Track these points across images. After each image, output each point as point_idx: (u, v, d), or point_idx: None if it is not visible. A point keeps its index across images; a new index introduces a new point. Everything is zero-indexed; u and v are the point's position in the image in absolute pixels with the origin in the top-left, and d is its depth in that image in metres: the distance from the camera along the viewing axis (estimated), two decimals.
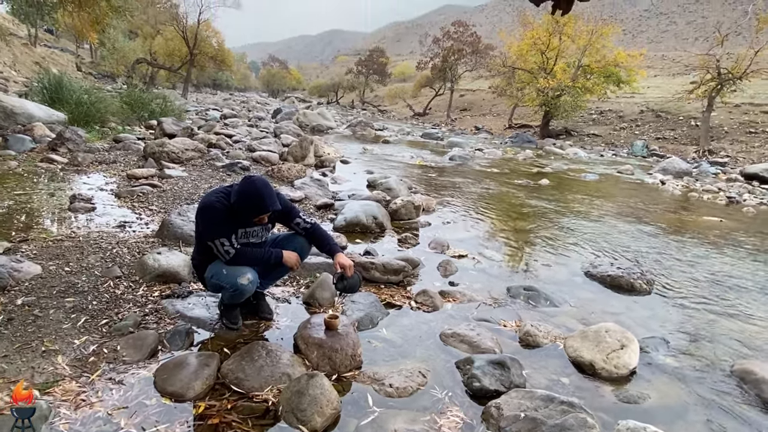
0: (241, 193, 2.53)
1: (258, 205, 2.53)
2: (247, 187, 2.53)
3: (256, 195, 2.51)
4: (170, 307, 2.98)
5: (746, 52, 20.16)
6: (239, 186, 2.57)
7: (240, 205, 2.53)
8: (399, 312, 3.36)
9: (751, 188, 12.40)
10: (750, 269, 5.22)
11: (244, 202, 2.52)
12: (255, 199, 2.52)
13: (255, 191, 2.52)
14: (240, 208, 2.54)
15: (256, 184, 2.54)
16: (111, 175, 6.51)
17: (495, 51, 36.45)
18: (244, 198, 2.52)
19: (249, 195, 2.52)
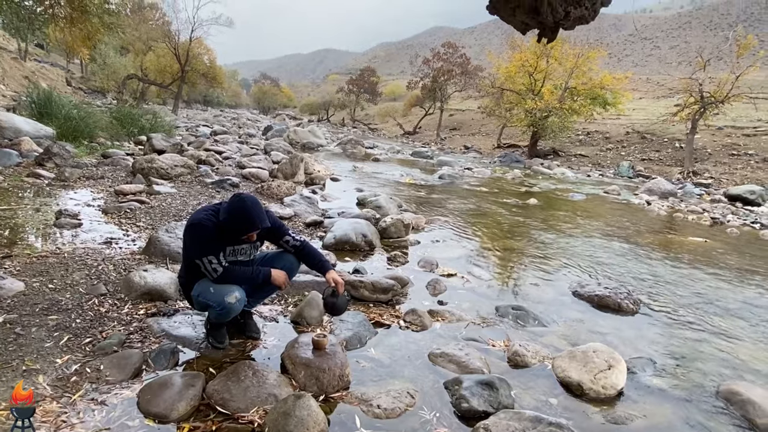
0: (231, 211, 2.52)
1: (247, 223, 2.53)
2: (237, 204, 2.53)
3: (246, 213, 2.51)
4: (156, 325, 2.94)
5: (728, 76, 20.69)
6: (228, 204, 2.56)
7: (229, 222, 2.53)
8: (388, 331, 3.35)
9: (734, 209, 12.62)
10: (734, 290, 5.28)
11: (233, 219, 2.52)
12: (244, 217, 2.51)
13: (244, 209, 2.52)
14: (229, 226, 2.54)
15: (246, 202, 2.54)
16: (98, 190, 6.46)
17: (484, 72, 37.03)
18: (234, 216, 2.52)
19: (238, 213, 2.51)
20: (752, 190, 14.43)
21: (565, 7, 1.62)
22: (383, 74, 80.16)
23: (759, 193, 14.26)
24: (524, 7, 1.64)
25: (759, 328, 4.17)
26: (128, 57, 34.48)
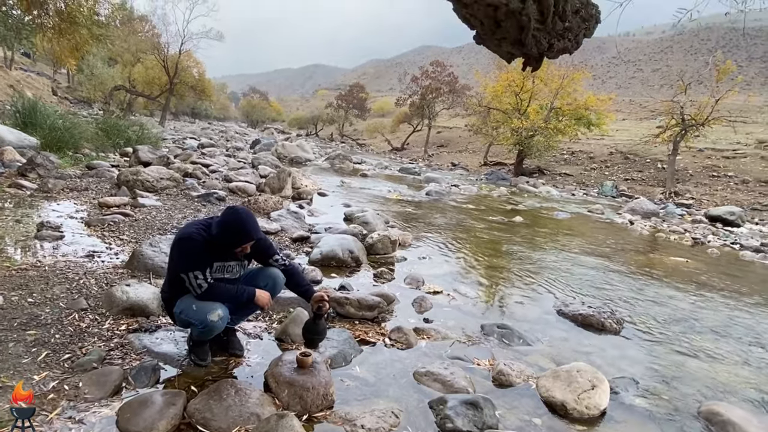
0: (225, 222, 2.53)
1: (242, 234, 2.54)
2: (231, 216, 2.55)
3: (240, 224, 2.53)
4: (137, 341, 2.89)
5: (708, 100, 21.28)
6: (222, 216, 2.57)
7: (223, 234, 2.53)
8: (373, 349, 3.33)
9: (715, 230, 12.87)
10: (714, 310, 5.37)
11: (227, 231, 2.52)
12: (239, 228, 2.53)
13: (239, 220, 2.53)
14: (223, 238, 2.54)
15: (241, 214, 2.56)
16: (82, 202, 6.37)
17: (471, 91, 37.60)
18: (228, 227, 2.52)
19: (233, 224, 2.53)
20: (732, 211, 14.74)
21: (549, 39, 1.67)
22: (372, 90, 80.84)
23: (738, 214, 14.58)
24: (509, 39, 1.69)
25: (738, 349, 4.24)
26: (116, 68, 34.32)
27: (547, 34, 1.63)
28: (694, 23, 4.90)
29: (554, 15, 1.56)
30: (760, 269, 8.25)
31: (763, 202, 18.66)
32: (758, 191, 19.94)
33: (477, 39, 1.88)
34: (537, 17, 1.56)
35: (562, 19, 1.61)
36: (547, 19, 1.56)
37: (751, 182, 20.88)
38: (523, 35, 1.58)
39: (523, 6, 1.45)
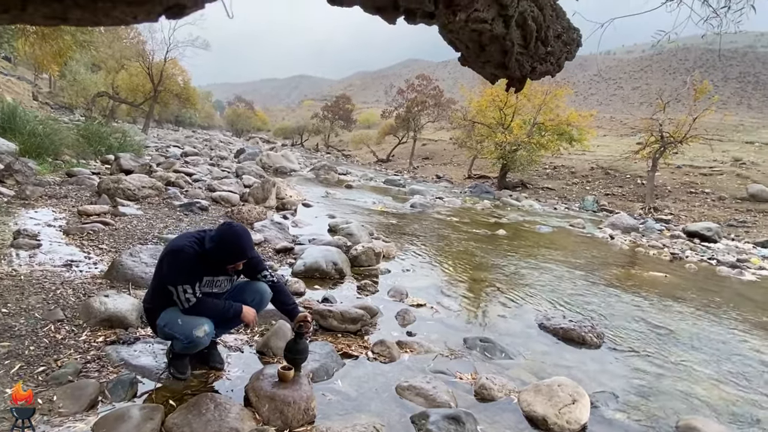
0: (221, 239, 2.52)
1: (237, 252, 2.55)
2: (227, 233, 2.55)
3: (236, 241, 2.53)
4: (114, 354, 2.83)
5: (686, 118, 21.86)
6: (218, 232, 2.56)
7: (218, 250, 2.52)
8: (355, 363, 3.31)
9: (692, 245, 13.14)
10: (692, 325, 5.46)
11: (223, 247, 2.52)
12: (235, 245, 2.53)
13: (236, 238, 2.54)
14: (217, 254, 2.53)
15: (237, 231, 2.56)
16: (61, 210, 6.25)
17: (456, 105, 38.02)
18: (223, 244, 2.52)
19: (229, 241, 2.53)
20: (709, 227, 15.09)
21: (532, 63, 1.72)
22: (358, 102, 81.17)
23: (715, 230, 14.93)
24: (493, 62, 1.74)
25: (715, 363, 4.31)
26: (100, 74, 33.93)
27: (530, 58, 1.68)
28: (672, 44, 5.06)
29: (537, 40, 1.61)
30: (736, 284, 8.43)
31: (738, 219, 19.15)
32: (734, 208, 20.46)
33: (462, 61, 1.92)
34: (520, 42, 1.60)
35: (545, 43, 1.66)
36: (530, 44, 1.60)
37: (727, 199, 21.42)
38: (507, 59, 1.62)
39: (507, 31, 1.49)
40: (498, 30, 1.45)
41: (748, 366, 4.37)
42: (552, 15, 1.64)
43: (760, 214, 19.48)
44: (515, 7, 1.44)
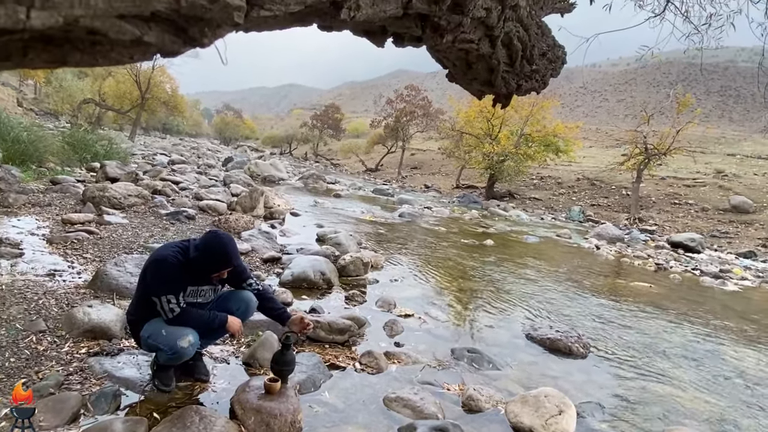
0: (206, 247, 2.50)
1: (222, 260, 2.53)
2: (213, 241, 2.53)
3: (221, 249, 2.51)
4: (97, 366, 2.79)
5: (669, 130, 22.29)
6: (203, 240, 2.54)
7: (203, 259, 2.50)
8: (343, 374, 3.30)
9: (676, 256, 13.32)
10: (677, 334, 5.53)
11: (207, 255, 2.50)
12: (220, 253, 2.51)
13: (221, 245, 2.52)
14: (202, 263, 2.50)
15: (223, 239, 2.54)
16: (44, 218, 6.16)
17: (445, 115, 38.34)
18: (208, 252, 2.50)
19: (213, 249, 2.50)
20: (692, 237, 15.32)
21: (518, 80, 1.75)
22: (347, 112, 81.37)
23: (698, 241, 15.16)
24: (480, 79, 1.77)
25: (700, 373, 4.37)
26: (86, 81, 33.64)
27: (516, 75, 1.72)
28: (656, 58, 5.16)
29: (522, 59, 1.65)
30: (719, 295, 8.55)
31: (721, 230, 19.48)
32: (716, 219, 20.82)
33: (449, 77, 1.95)
34: (506, 60, 1.64)
35: (530, 62, 1.70)
36: (515, 62, 1.64)
37: (710, 210, 21.79)
38: (493, 77, 1.66)
39: (493, 51, 1.53)
40: (484, 49, 1.48)
41: (732, 376, 4.43)
42: (537, 33, 1.68)
43: (742, 225, 19.85)
44: (501, 28, 1.47)
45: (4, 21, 0.54)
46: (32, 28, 0.57)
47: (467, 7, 1.24)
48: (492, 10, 1.38)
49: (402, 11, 1.19)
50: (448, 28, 1.32)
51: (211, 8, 0.69)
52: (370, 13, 1.10)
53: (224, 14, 0.72)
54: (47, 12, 0.56)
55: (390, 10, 1.14)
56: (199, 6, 0.68)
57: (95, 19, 0.62)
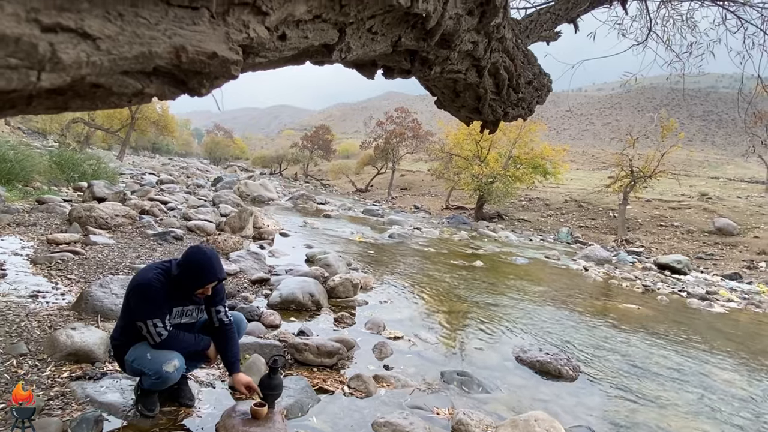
0: (189, 261, 2.45)
1: (207, 274, 2.47)
2: (196, 255, 2.48)
3: (205, 262, 2.46)
4: (80, 390, 2.72)
5: (654, 153, 22.73)
6: (186, 255, 2.50)
7: (186, 274, 2.44)
8: (331, 398, 3.25)
9: (663, 277, 13.44)
10: (665, 357, 5.54)
11: (190, 270, 2.44)
12: (203, 267, 2.45)
13: (205, 258, 2.47)
14: (186, 278, 2.45)
15: (207, 253, 2.50)
16: (29, 238, 6.07)
17: (434, 137, 38.80)
18: (192, 266, 2.44)
19: (197, 263, 2.45)
20: (679, 259, 15.48)
21: (504, 108, 1.80)
22: (338, 133, 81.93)
23: (685, 262, 15.32)
24: (468, 107, 1.81)
25: (688, 396, 4.37)
26: None
27: (503, 103, 1.76)
28: (640, 82, 5.31)
29: (509, 87, 1.69)
30: (706, 316, 8.62)
31: (707, 251, 19.73)
32: (702, 241, 21.10)
33: (438, 104, 1.99)
34: (493, 89, 1.68)
35: (516, 90, 1.74)
36: (502, 91, 1.69)
37: (695, 232, 22.09)
38: (481, 104, 1.70)
39: (480, 80, 1.57)
40: (472, 79, 1.53)
41: (721, 398, 4.44)
42: (523, 62, 1.73)
43: (727, 247, 20.13)
44: (488, 58, 1.51)
45: (16, 84, 0.58)
46: (41, 88, 0.61)
47: (454, 43, 1.28)
48: (479, 43, 1.42)
49: (391, 49, 1.23)
50: (437, 62, 1.36)
51: (211, 63, 0.74)
52: (361, 53, 1.14)
53: (222, 68, 0.78)
54: (56, 74, 0.60)
55: (380, 49, 1.18)
56: (199, 62, 0.73)
57: (100, 76, 0.66)
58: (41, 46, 0.56)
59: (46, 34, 0.56)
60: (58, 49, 0.58)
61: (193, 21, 0.72)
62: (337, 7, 0.94)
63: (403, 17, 1.10)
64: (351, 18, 1.00)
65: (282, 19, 0.84)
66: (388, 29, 1.12)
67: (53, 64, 0.58)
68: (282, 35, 0.88)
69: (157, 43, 0.67)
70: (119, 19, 0.63)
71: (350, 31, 1.04)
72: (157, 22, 0.67)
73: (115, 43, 0.62)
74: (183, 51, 0.71)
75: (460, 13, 1.27)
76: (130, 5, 0.63)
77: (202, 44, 0.73)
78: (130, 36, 0.64)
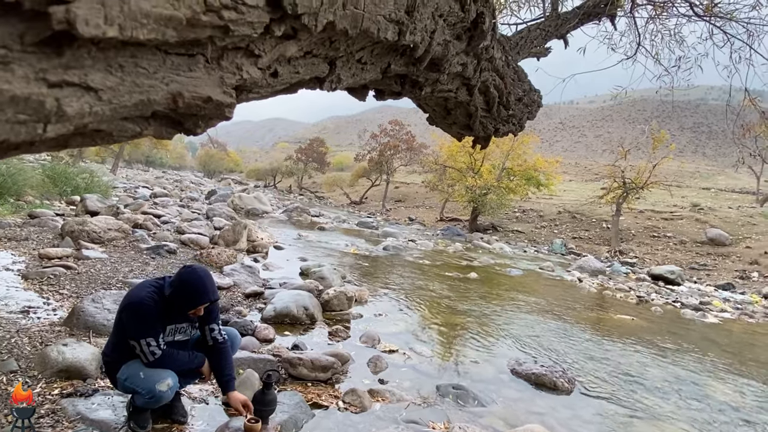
0: (182, 282, 2.42)
1: (199, 295, 2.43)
2: (190, 276, 2.44)
3: (198, 284, 2.42)
4: (70, 407, 2.69)
5: (646, 165, 22.94)
6: (179, 276, 2.47)
7: (179, 295, 2.41)
8: (325, 413, 3.22)
9: (657, 288, 13.48)
10: (660, 368, 5.55)
11: (183, 291, 2.41)
12: (197, 288, 2.42)
13: (198, 280, 2.43)
14: (178, 299, 2.42)
15: (199, 273, 2.46)
16: (20, 253, 6.02)
17: (428, 149, 38.97)
18: (185, 287, 2.41)
19: (190, 284, 2.42)
20: (672, 270, 15.55)
21: (495, 124, 1.83)
22: (332, 145, 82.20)
23: (678, 273, 15.39)
24: (459, 124, 1.84)
25: (684, 407, 4.37)
26: None
27: (494, 120, 1.79)
28: (631, 95, 5.38)
29: (499, 104, 1.72)
30: (700, 327, 8.64)
31: (699, 262, 19.84)
32: (695, 251, 21.22)
33: (430, 121, 2.02)
34: (483, 106, 1.71)
35: (506, 107, 1.78)
36: (492, 108, 1.71)
37: (688, 243, 22.23)
38: (472, 121, 1.72)
39: (471, 98, 1.60)
40: (462, 97, 1.55)
41: (716, 409, 4.44)
42: (514, 79, 1.77)
43: (719, 257, 20.25)
44: (478, 78, 1.54)
45: (24, 136, 0.61)
46: (47, 138, 0.65)
47: (443, 66, 1.31)
48: (468, 64, 1.45)
49: (381, 76, 1.26)
50: (426, 83, 1.38)
51: (206, 107, 0.78)
52: (351, 82, 1.18)
53: (217, 111, 0.82)
54: (61, 124, 0.63)
55: (370, 77, 1.21)
56: (195, 106, 0.77)
57: (101, 123, 0.70)
58: (48, 102, 0.59)
59: (52, 90, 0.59)
60: (63, 103, 0.61)
61: (189, 67, 0.75)
62: (327, 43, 0.98)
63: (392, 47, 1.13)
64: (341, 52, 1.04)
65: (274, 59, 0.88)
66: (378, 58, 1.15)
67: (58, 116, 0.61)
68: (274, 72, 0.92)
69: (155, 90, 0.71)
70: (120, 70, 0.66)
71: (340, 63, 1.08)
72: (155, 70, 0.70)
73: (116, 93, 0.66)
74: (180, 97, 0.74)
75: (449, 39, 1.30)
76: (131, 56, 0.66)
77: (197, 89, 0.76)
78: (130, 86, 0.67)
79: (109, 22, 0.57)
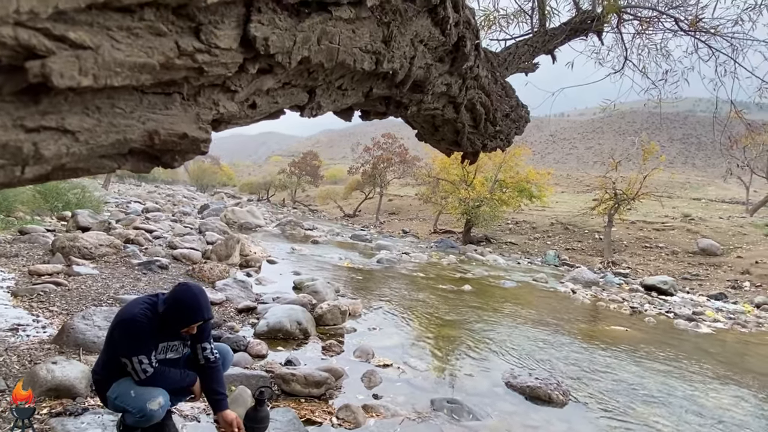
0: (176, 300, 2.40)
1: (192, 313, 2.41)
2: (183, 294, 2.42)
3: (194, 302, 2.40)
4: (60, 427, 2.64)
5: (636, 176, 23.16)
6: (173, 293, 2.44)
7: (173, 313, 2.39)
8: (319, 429, 3.20)
9: (650, 299, 13.53)
10: (654, 379, 5.55)
11: (177, 309, 2.39)
12: (190, 307, 2.40)
13: (193, 298, 2.41)
14: (172, 317, 2.39)
15: (194, 291, 2.44)
16: (10, 270, 5.96)
17: (421, 162, 39.15)
18: (178, 305, 2.39)
19: (184, 302, 2.40)
20: (665, 280, 15.63)
21: (483, 140, 1.86)
22: (325, 158, 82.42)
23: (671, 283, 15.47)
24: (447, 140, 1.87)
25: (679, 419, 4.37)
26: None
27: (481, 136, 1.82)
28: (620, 107, 5.45)
29: (486, 121, 1.75)
30: (693, 337, 8.67)
31: (691, 272, 19.96)
32: (687, 262, 21.36)
33: (418, 137, 2.04)
34: (471, 123, 1.74)
35: (494, 123, 1.81)
36: (479, 125, 1.74)
37: (680, 253, 22.38)
38: (459, 138, 1.75)
39: (458, 116, 1.62)
40: (449, 114, 1.58)
41: (711, 420, 4.44)
42: (501, 95, 1.80)
43: (711, 267, 20.39)
44: (463, 96, 1.57)
45: (2, 179, 0.63)
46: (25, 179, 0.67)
47: (427, 88, 1.34)
48: (452, 84, 1.48)
49: (364, 99, 1.28)
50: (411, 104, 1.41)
51: (181, 143, 0.81)
52: (332, 108, 1.20)
53: (193, 146, 0.85)
54: (39, 166, 0.65)
55: (351, 101, 1.23)
56: (171, 142, 0.80)
57: (79, 162, 0.72)
58: (26, 147, 0.61)
59: (29, 135, 0.61)
60: (41, 147, 0.62)
61: (165, 105, 0.78)
62: (306, 74, 1.00)
63: (372, 73, 1.16)
64: (320, 81, 1.06)
65: (251, 92, 0.90)
66: (359, 84, 1.17)
67: (36, 159, 0.63)
68: (252, 104, 0.95)
69: (131, 129, 0.73)
70: (97, 112, 0.68)
71: (320, 91, 1.10)
72: (132, 110, 0.72)
73: (93, 134, 0.68)
74: (156, 134, 0.77)
75: (430, 63, 1.33)
76: (107, 98, 0.68)
77: (174, 126, 0.79)
78: (107, 126, 0.69)
79: (84, 73, 0.59)
